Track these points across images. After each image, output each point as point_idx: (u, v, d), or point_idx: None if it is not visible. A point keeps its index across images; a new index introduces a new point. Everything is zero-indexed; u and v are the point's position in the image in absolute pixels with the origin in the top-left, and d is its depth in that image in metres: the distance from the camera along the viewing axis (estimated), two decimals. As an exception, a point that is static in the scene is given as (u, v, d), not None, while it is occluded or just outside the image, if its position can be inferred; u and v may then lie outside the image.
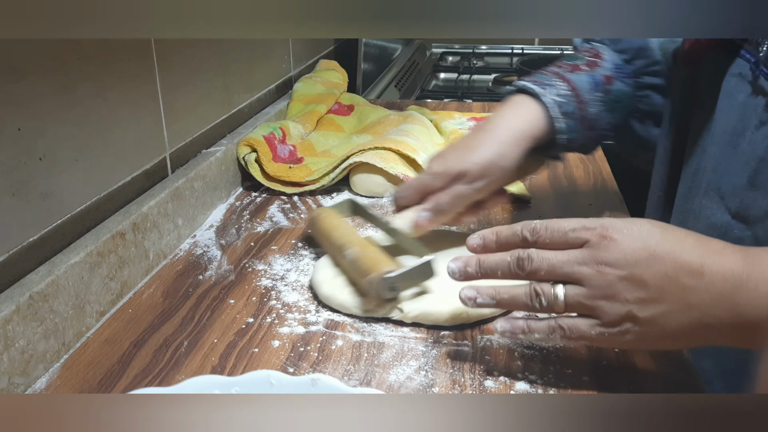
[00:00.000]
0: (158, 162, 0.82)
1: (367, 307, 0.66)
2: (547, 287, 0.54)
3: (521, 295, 0.55)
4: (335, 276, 0.71)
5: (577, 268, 0.53)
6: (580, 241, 0.53)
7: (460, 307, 0.65)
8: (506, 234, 0.56)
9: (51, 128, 0.63)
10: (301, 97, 1.22)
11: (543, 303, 0.54)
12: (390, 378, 0.58)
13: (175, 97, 0.85)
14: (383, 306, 0.66)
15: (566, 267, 0.53)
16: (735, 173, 0.64)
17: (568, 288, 0.53)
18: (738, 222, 0.64)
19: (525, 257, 0.54)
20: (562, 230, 0.54)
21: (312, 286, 0.71)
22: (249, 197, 0.96)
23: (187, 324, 0.66)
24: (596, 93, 0.74)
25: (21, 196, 0.60)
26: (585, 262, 0.52)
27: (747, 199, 0.63)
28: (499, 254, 0.56)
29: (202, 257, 0.80)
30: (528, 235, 0.55)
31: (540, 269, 0.54)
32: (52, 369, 0.60)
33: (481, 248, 0.57)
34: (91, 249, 0.66)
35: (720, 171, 0.65)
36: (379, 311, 0.66)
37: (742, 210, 0.63)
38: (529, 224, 0.55)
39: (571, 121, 0.72)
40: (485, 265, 0.56)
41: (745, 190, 0.63)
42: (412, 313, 0.65)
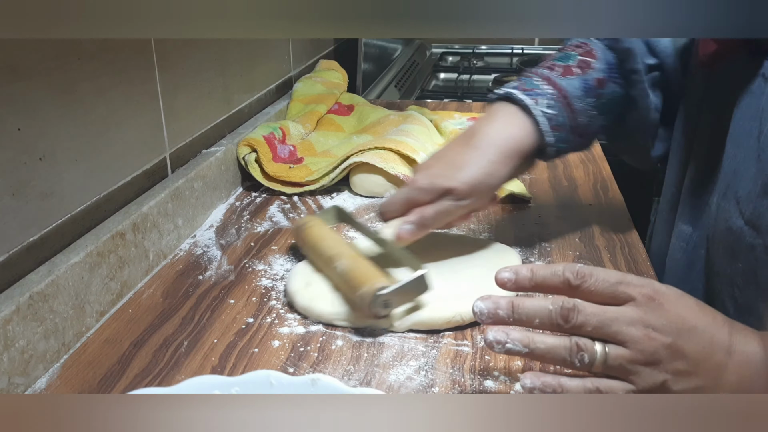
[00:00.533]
0: (158, 162, 0.82)
1: (357, 323, 0.65)
2: (590, 344, 0.49)
3: (560, 348, 0.49)
4: (308, 284, 0.69)
5: (626, 328, 0.48)
6: (626, 296, 0.49)
7: (453, 313, 0.64)
8: (544, 273, 0.51)
9: (51, 128, 0.63)
10: (301, 97, 1.22)
11: (585, 361, 0.49)
12: (390, 378, 0.58)
13: (175, 97, 0.85)
14: (375, 321, 0.64)
15: (615, 325, 0.49)
16: (752, 179, 0.62)
17: (611, 348, 0.49)
18: (750, 229, 0.63)
19: (571, 308, 0.49)
20: (610, 281, 0.50)
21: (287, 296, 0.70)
22: (249, 197, 0.96)
23: (187, 324, 0.66)
24: (588, 99, 0.73)
25: (21, 196, 0.60)
26: (634, 323, 0.49)
27: (760, 207, 0.61)
28: (536, 299, 0.51)
29: (202, 257, 0.80)
30: (571, 277, 0.50)
31: (587, 324, 0.49)
32: (52, 369, 0.60)
33: (513, 284, 0.52)
34: (91, 249, 0.66)
35: (739, 175, 0.64)
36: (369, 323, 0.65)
37: (755, 217, 0.62)
38: (573, 267, 0.50)
39: (561, 133, 0.71)
40: (521, 310, 0.50)
41: (758, 197, 0.61)
42: (403, 326, 0.64)
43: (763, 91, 0.63)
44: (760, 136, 0.62)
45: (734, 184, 0.64)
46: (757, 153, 0.62)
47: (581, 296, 0.50)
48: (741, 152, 0.64)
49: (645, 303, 0.49)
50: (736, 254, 0.65)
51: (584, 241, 0.81)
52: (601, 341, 0.49)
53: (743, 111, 0.64)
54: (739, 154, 0.64)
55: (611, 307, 0.50)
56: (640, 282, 0.50)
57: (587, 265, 0.75)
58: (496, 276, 0.52)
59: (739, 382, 0.49)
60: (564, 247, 0.80)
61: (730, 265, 0.66)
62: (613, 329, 0.49)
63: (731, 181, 0.65)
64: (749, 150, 0.63)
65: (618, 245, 0.80)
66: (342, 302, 0.67)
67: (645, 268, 0.75)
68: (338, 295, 0.67)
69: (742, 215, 0.63)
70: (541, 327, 0.50)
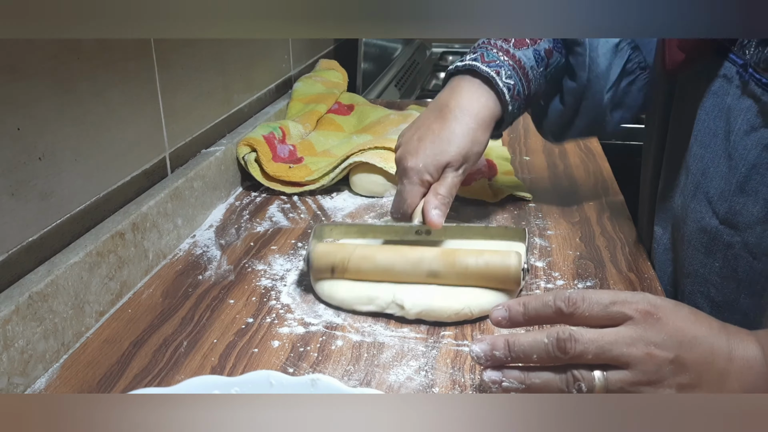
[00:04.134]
0: (158, 162, 0.82)
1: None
2: (587, 373, 0.48)
3: (555, 380, 0.49)
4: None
5: (627, 350, 0.47)
6: (622, 316, 0.48)
7: (463, 305, 0.65)
8: (535, 305, 0.51)
9: (51, 128, 0.63)
10: (301, 96, 1.22)
11: (583, 390, 0.48)
12: (390, 378, 0.58)
13: (175, 96, 0.85)
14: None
15: (615, 349, 0.48)
16: (723, 178, 0.63)
17: (611, 373, 0.48)
18: (726, 227, 0.64)
19: (567, 338, 0.48)
20: (602, 303, 0.49)
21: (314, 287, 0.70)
22: (249, 197, 0.96)
23: (186, 324, 0.66)
24: (539, 69, 0.77)
25: (20, 195, 0.60)
26: (634, 343, 0.47)
27: (736, 204, 0.62)
28: (531, 334, 0.50)
29: (201, 257, 0.80)
30: (563, 306, 0.49)
31: (587, 352, 0.48)
32: (51, 369, 0.60)
33: (507, 321, 0.52)
34: (90, 249, 0.66)
35: (708, 175, 0.65)
36: None
37: (731, 216, 0.63)
38: (563, 294, 0.50)
39: (517, 102, 0.75)
40: (517, 348, 0.50)
41: (734, 195, 0.62)
42: (414, 310, 0.65)
43: (726, 90, 0.64)
44: (729, 135, 0.63)
45: (704, 184, 0.65)
46: (728, 152, 0.63)
47: (576, 323, 0.49)
48: (708, 152, 0.65)
49: (643, 320, 0.48)
50: (712, 253, 0.66)
51: (584, 241, 0.81)
52: (602, 366, 0.48)
53: (707, 111, 0.65)
54: (707, 154, 0.65)
55: (609, 329, 0.49)
56: (634, 298, 0.49)
57: (588, 264, 0.76)
58: (491, 316, 0.53)
59: (741, 388, 0.48)
60: (564, 247, 0.80)
61: (705, 265, 0.67)
62: (614, 353, 0.48)
63: (700, 181, 0.66)
64: (717, 149, 0.64)
65: (618, 245, 0.80)
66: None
67: (645, 268, 0.75)
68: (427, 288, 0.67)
69: (716, 215, 0.64)
70: (540, 362, 0.50)
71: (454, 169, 0.72)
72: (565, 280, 0.73)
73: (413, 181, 0.72)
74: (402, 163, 0.73)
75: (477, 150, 0.73)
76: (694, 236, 0.67)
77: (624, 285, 0.72)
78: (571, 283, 0.73)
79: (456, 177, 0.72)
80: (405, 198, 0.73)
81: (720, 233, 0.64)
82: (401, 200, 0.73)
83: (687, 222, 0.67)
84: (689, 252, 0.68)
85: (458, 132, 0.72)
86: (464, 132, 0.72)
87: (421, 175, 0.72)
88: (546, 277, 0.74)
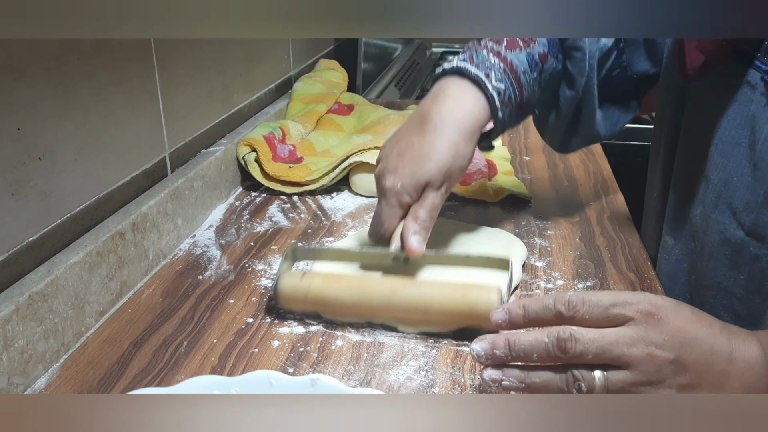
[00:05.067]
0: (158, 162, 0.82)
1: None
2: (587, 373, 0.48)
3: (555, 380, 0.49)
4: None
5: (627, 350, 0.47)
6: (622, 317, 0.48)
7: None
8: (535, 308, 0.51)
9: (51, 128, 0.63)
10: (301, 96, 1.22)
11: (583, 390, 0.48)
12: (390, 378, 0.58)
13: (175, 96, 0.85)
14: None
15: (615, 350, 0.47)
16: (748, 188, 0.62)
17: (611, 373, 0.48)
18: (753, 239, 0.62)
19: (567, 337, 0.48)
20: (603, 305, 0.49)
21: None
22: (249, 197, 0.96)
23: (186, 324, 0.66)
24: (532, 74, 0.71)
25: (20, 195, 0.60)
26: (634, 344, 0.47)
27: (764, 216, 0.61)
28: (532, 333, 0.50)
29: (201, 257, 0.80)
30: (563, 309, 0.49)
31: (587, 352, 0.48)
32: (51, 369, 0.60)
33: (507, 324, 0.52)
34: (90, 249, 0.66)
35: (732, 185, 0.63)
36: None
37: (758, 227, 0.61)
38: (563, 297, 0.50)
39: (507, 108, 0.70)
40: (517, 347, 0.50)
41: (761, 206, 0.61)
42: (408, 330, 0.65)
43: (750, 98, 0.62)
44: (754, 144, 0.61)
45: (727, 195, 0.63)
46: (753, 161, 0.61)
47: (577, 325, 0.49)
48: (731, 162, 0.63)
49: (644, 320, 0.48)
50: (736, 266, 0.64)
51: (584, 241, 0.81)
52: (603, 366, 0.48)
53: (729, 120, 0.63)
54: (729, 163, 0.63)
55: (610, 329, 0.48)
56: (635, 299, 0.49)
57: (588, 264, 0.75)
58: (491, 318, 0.53)
59: (742, 388, 0.48)
60: (564, 247, 0.80)
61: (729, 277, 0.65)
62: (615, 353, 0.48)
63: (722, 191, 0.64)
64: (740, 159, 0.62)
65: (618, 245, 0.80)
66: None
67: (645, 268, 0.75)
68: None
69: (741, 226, 0.63)
70: (540, 361, 0.49)
71: (435, 189, 0.66)
72: (565, 280, 0.73)
73: (391, 203, 0.66)
74: (380, 182, 0.68)
75: (460, 164, 0.67)
76: (717, 248, 0.65)
77: (624, 285, 0.72)
78: (571, 283, 0.73)
79: (437, 197, 0.66)
80: (382, 221, 0.67)
81: (746, 245, 0.62)
82: (378, 223, 0.68)
83: (708, 233, 0.65)
84: (710, 264, 0.66)
85: (439, 147, 0.66)
86: (446, 146, 0.66)
87: (399, 196, 0.66)
88: (546, 277, 0.74)
